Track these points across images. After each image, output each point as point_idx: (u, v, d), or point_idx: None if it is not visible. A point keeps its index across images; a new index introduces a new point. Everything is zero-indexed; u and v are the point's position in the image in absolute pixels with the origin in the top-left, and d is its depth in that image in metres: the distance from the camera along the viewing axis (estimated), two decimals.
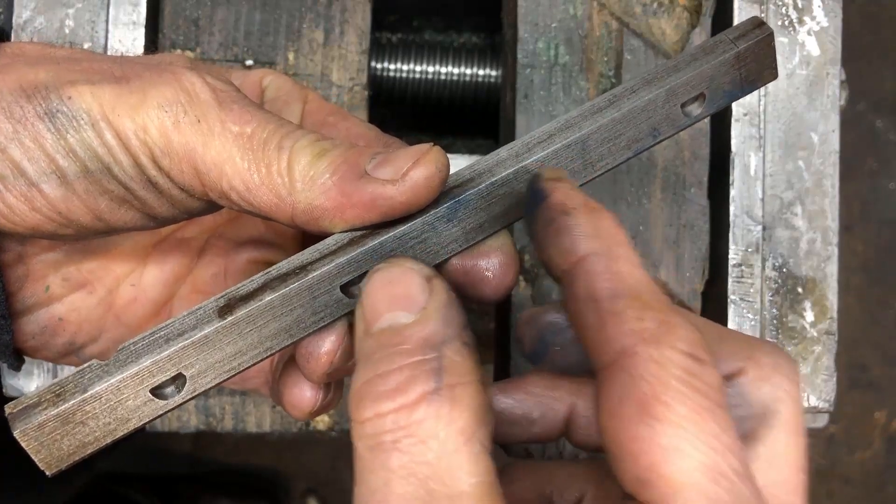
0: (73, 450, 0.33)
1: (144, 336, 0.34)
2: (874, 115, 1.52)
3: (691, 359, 0.29)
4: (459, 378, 0.30)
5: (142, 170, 0.37)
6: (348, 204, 0.35)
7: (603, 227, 0.32)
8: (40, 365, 0.55)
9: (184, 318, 0.34)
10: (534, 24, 0.60)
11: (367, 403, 0.30)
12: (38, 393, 0.33)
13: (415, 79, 0.72)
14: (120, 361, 0.33)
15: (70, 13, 0.56)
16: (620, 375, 0.29)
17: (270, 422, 0.59)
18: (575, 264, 0.31)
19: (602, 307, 0.30)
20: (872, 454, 1.51)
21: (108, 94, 0.36)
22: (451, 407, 0.29)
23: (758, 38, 0.39)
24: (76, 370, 0.33)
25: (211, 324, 0.34)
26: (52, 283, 0.44)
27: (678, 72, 0.38)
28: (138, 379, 0.33)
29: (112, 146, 0.36)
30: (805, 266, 0.59)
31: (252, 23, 0.59)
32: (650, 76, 0.38)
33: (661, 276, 0.60)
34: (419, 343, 0.31)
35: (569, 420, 0.38)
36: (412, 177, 0.35)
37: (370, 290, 0.33)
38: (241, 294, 0.34)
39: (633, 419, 0.28)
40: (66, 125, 0.36)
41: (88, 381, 0.33)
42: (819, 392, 0.59)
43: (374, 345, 0.32)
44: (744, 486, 0.28)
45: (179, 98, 0.36)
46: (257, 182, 0.36)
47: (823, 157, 0.60)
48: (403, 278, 0.33)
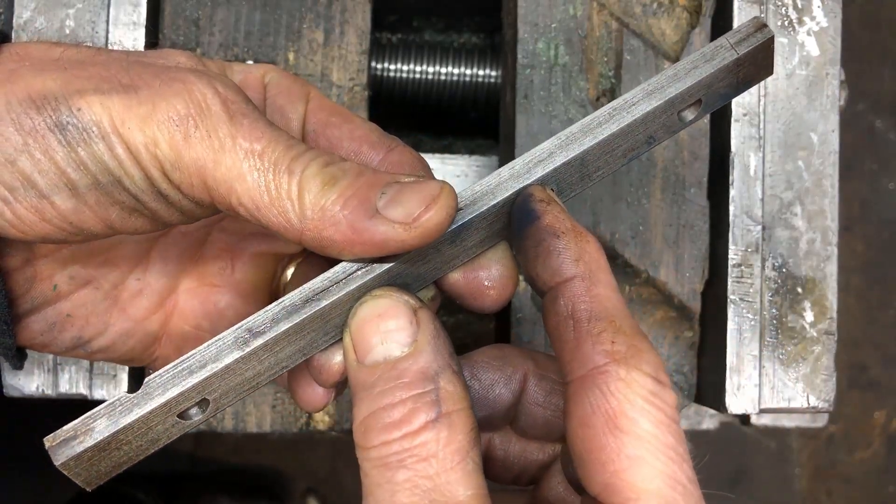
0: (109, 469, 0.36)
1: (169, 369, 0.36)
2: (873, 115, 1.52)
3: (654, 380, 0.33)
4: (454, 405, 0.34)
5: (152, 182, 0.37)
6: (358, 241, 0.35)
7: (587, 251, 0.35)
8: (41, 365, 0.55)
9: (205, 349, 0.36)
10: (534, 24, 0.60)
11: (375, 434, 0.34)
12: (74, 426, 0.35)
13: (415, 79, 0.72)
14: (148, 394, 0.36)
15: (70, 13, 0.56)
16: (592, 390, 0.33)
17: (271, 422, 0.59)
18: (559, 284, 0.35)
19: (581, 327, 0.34)
20: (872, 454, 1.51)
21: (117, 105, 0.36)
22: (448, 431, 0.33)
23: (759, 41, 0.39)
24: (107, 403, 0.36)
25: (231, 355, 0.36)
26: (59, 281, 0.44)
27: (678, 81, 0.38)
28: (166, 408, 0.36)
29: (123, 159, 0.36)
30: (805, 266, 0.59)
31: (252, 23, 0.59)
32: (650, 87, 0.38)
33: (661, 276, 0.60)
34: (416, 376, 0.34)
35: (518, 400, 0.42)
36: (423, 223, 0.35)
37: (360, 322, 0.36)
38: (257, 325, 0.36)
39: (602, 430, 0.32)
40: (76, 138, 0.36)
41: (120, 414, 0.35)
42: (819, 392, 0.59)
43: (371, 377, 0.35)
44: (695, 491, 0.32)
45: (190, 111, 0.36)
46: (266, 202, 0.36)
47: (823, 158, 0.60)
48: (392, 311, 0.36)
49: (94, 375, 0.56)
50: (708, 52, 0.39)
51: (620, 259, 0.60)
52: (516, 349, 0.42)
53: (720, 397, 0.58)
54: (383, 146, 0.43)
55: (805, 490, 1.50)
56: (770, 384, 0.59)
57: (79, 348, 0.45)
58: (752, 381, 0.58)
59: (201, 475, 1.36)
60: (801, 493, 1.50)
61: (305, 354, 0.38)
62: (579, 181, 0.39)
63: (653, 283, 0.60)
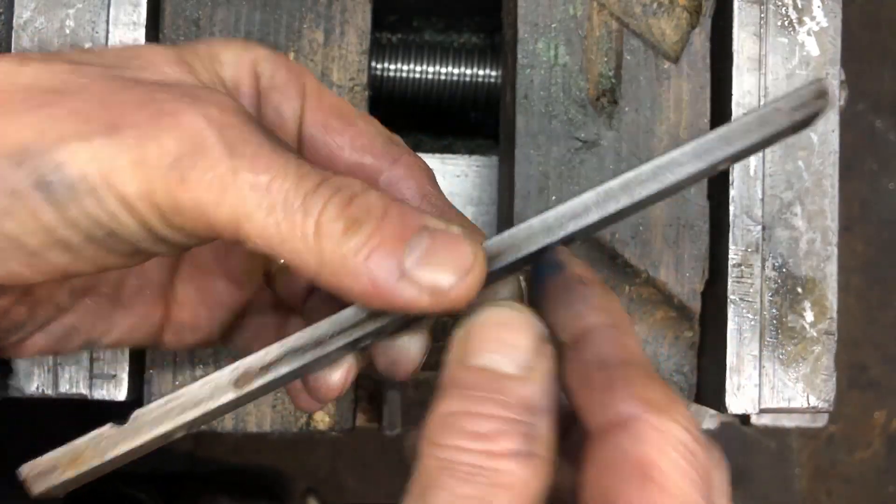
0: (81, 483, 0.35)
1: (160, 405, 0.35)
2: (873, 115, 1.52)
3: (689, 434, 0.30)
4: (543, 451, 0.31)
5: (151, 230, 0.34)
6: (378, 298, 0.33)
7: (614, 304, 0.34)
8: (41, 365, 0.55)
9: (199, 388, 0.35)
10: (534, 24, 0.60)
11: (452, 434, 0.31)
12: (55, 457, 0.34)
13: (415, 79, 0.72)
14: (136, 430, 0.34)
15: (70, 13, 0.56)
16: (623, 436, 0.30)
17: (271, 422, 0.59)
18: (586, 331, 0.33)
19: (612, 372, 0.32)
20: (872, 454, 1.51)
21: (103, 153, 0.33)
22: (529, 472, 0.31)
23: (815, 109, 0.36)
24: (92, 435, 0.34)
25: (227, 395, 0.35)
26: (60, 299, 0.43)
27: (728, 145, 0.36)
28: (154, 442, 0.35)
29: (116, 213, 0.33)
30: (805, 266, 0.59)
31: (252, 23, 0.59)
32: (700, 148, 0.36)
33: (661, 276, 0.60)
34: (520, 402, 0.32)
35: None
36: (452, 296, 0.33)
37: (481, 322, 0.33)
38: (257, 367, 0.35)
39: (629, 478, 0.30)
40: (63, 196, 0.33)
41: (105, 448, 0.34)
42: (819, 392, 0.59)
43: (471, 377, 0.32)
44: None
45: (184, 149, 0.33)
46: (278, 241, 0.33)
47: (823, 158, 0.60)
48: (520, 328, 0.33)
49: (94, 376, 0.56)
50: (765, 116, 0.36)
51: (620, 259, 0.60)
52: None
53: (720, 397, 0.58)
54: (388, 156, 0.41)
55: (805, 490, 1.50)
56: (770, 384, 0.59)
57: (87, 348, 0.45)
58: (752, 381, 0.58)
59: (201, 475, 1.36)
60: (801, 493, 1.50)
61: (300, 379, 0.38)
62: (599, 229, 0.38)
63: (653, 283, 0.60)
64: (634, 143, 0.60)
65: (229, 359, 0.57)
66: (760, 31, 0.60)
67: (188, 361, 0.58)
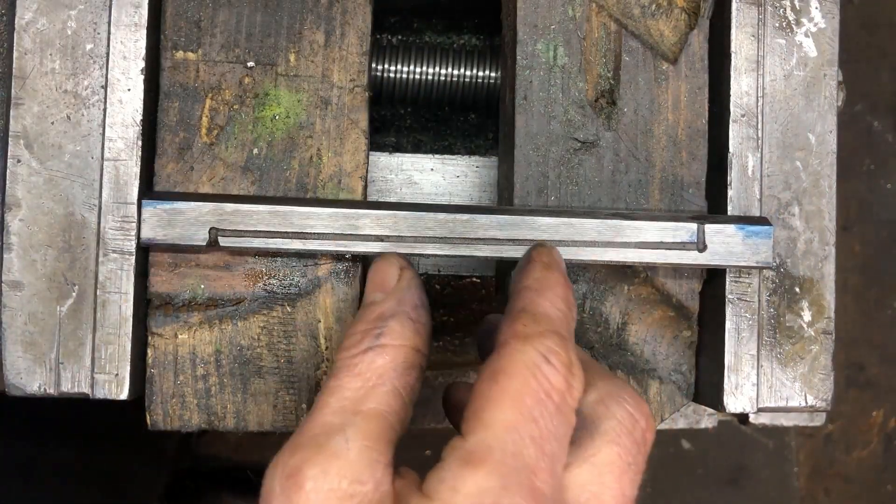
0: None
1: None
2: (871, 116, 1.53)
3: (543, 358, 0.41)
4: (393, 341, 0.45)
5: None
6: None
7: (549, 278, 0.45)
8: (42, 364, 0.56)
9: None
10: (533, 25, 0.60)
11: (342, 347, 0.45)
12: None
13: (415, 80, 0.73)
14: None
15: (72, 14, 0.56)
16: (495, 354, 0.42)
17: (272, 420, 0.59)
18: (515, 290, 0.46)
19: (513, 314, 0.44)
20: (870, 453, 1.51)
21: None
22: (380, 359, 0.44)
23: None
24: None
25: None
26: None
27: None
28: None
29: None
30: (802, 266, 0.60)
31: (253, 24, 0.60)
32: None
33: (660, 276, 0.61)
34: (377, 315, 0.46)
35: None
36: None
37: (369, 275, 0.50)
38: None
39: (484, 379, 0.41)
40: None
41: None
42: (816, 391, 0.59)
43: (359, 312, 0.47)
44: (526, 449, 0.39)
45: None
46: None
47: (821, 158, 0.60)
48: (383, 268, 0.49)
49: (96, 374, 0.56)
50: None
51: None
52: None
53: (718, 396, 0.59)
54: None
55: (803, 489, 1.51)
56: (768, 383, 0.59)
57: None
58: (751, 380, 0.59)
59: (203, 472, 1.37)
60: (799, 492, 1.50)
61: None
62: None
63: (651, 282, 0.61)
64: (633, 143, 0.60)
65: (230, 357, 0.58)
66: (758, 32, 0.60)
67: (189, 361, 0.58)
